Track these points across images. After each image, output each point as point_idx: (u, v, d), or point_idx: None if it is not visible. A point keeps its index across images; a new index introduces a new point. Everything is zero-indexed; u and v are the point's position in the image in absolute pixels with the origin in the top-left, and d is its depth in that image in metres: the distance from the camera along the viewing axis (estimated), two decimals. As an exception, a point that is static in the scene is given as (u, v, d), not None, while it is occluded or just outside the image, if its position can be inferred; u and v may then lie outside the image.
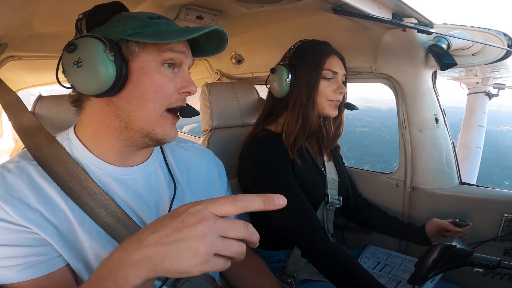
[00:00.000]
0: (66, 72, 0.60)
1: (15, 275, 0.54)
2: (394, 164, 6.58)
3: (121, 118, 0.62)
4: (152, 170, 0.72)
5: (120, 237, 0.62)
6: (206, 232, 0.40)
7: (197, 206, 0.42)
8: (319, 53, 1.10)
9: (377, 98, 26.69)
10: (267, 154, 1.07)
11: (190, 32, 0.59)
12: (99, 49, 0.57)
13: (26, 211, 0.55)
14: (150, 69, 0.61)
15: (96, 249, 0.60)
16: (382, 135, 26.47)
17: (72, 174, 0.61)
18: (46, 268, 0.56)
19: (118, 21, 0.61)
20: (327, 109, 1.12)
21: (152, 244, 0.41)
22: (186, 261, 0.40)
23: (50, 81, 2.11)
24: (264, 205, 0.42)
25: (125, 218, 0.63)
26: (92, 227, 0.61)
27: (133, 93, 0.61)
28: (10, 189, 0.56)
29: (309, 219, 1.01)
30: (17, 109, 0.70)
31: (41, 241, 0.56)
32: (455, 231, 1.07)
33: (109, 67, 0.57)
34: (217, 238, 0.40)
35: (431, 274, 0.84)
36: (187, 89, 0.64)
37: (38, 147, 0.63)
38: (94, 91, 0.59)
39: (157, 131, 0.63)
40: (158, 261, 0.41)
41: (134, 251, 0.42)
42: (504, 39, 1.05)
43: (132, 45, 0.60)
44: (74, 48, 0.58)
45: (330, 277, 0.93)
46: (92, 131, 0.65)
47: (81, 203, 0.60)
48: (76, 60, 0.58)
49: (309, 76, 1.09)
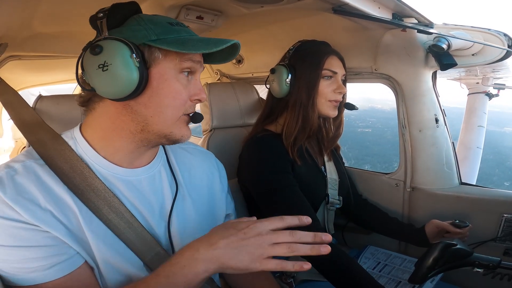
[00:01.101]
0: (88, 74, 0.59)
1: (39, 277, 0.54)
2: (394, 164, 6.59)
3: (138, 121, 0.62)
4: (156, 171, 0.72)
5: (123, 235, 0.62)
6: (261, 242, 0.54)
7: (256, 224, 0.56)
8: (319, 53, 1.10)
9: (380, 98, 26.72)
10: (267, 155, 1.07)
11: (214, 44, 0.59)
12: (126, 54, 0.57)
13: (37, 212, 0.55)
14: (170, 76, 0.61)
15: (102, 250, 0.60)
16: (384, 136, 26.41)
17: (76, 171, 0.61)
18: (69, 266, 0.57)
19: (138, 24, 0.61)
20: (327, 109, 1.12)
21: (222, 247, 0.54)
22: (245, 261, 0.54)
23: (50, 81, 2.12)
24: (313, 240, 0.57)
25: (129, 216, 0.63)
26: (100, 228, 0.61)
27: (151, 99, 0.61)
28: (20, 190, 0.55)
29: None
30: (18, 105, 0.69)
31: (57, 240, 0.56)
32: (455, 232, 1.07)
33: (134, 73, 0.57)
34: (269, 245, 0.54)
35: (432, 274, 0.84)
36: (198, 97, 0.66)
37: (42, 143, 0.63)
38: (114, 95, 0.59)
39: (174, 132, 0.65)
40: (226, 260, 0.54)
41: (206, 251, 0.54)
42: (504, 39, 1.05)
43: (156, 52, 0.60)
44: (99, 51, 0.57)
45: (330, 277, 0.93)
46: (102, 132, 0.64)
47: (85, 199, 0.60)
48: (101, 64, 0.57)
49: (308, 76, 1.09)
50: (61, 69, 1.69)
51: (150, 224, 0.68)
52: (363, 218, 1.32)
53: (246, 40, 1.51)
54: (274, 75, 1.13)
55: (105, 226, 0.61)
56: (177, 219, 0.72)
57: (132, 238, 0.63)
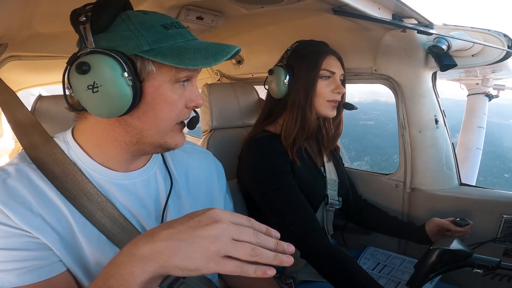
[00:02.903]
0: (77, 93, 0.56)
1: (14, 279, 0.53)
2: (394, 156, 6.60)
3: (132, 134, 0.61)
4: (152, 174, 0.71)
5: (117, 239, 0.61)
6: (219, 233, 0.42)
7: (215, 210, 0.44)
8: (316, 53, 1.10)
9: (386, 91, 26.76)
10: (266, 155, 1.07)
11: (214, 57, 0.55)
12: (117, 72, 0.52)
13: (28, 216, 0.54)
14: (166, 89, 0.58)
15: (96, 256, 0.60)
16: (386, 128, 26.12)
17: (69, 175, 0.59)
18: (47, 272, 0.55)
19: (128, 29, 0.55)
20: (325, 110, 1.12)
21: (164, 239, 0.42)
22: (196, 259, 0.41)
23: (50, 81, 2.11)
24: None
25: (122, 220, 0.62)
26: (93, 233, 0.60)
27: (146, 113, 0.58)
28: (11, 193, 0.54)
29: (308, 220, 1.01)
30: (14, 106, 0.68)
31: (41, 246, 0.55)
32: (456, 231, 1.07)
33: (127, 92, 0.54)
34: (228, 240, 0.42)
35: (429, 277, 0.84)
36: (195, 103, 0.63)
37: (34, 146, 0.61)
38: (109, 115, 0.56)
39: (168, 142, 0.63)
40: (168, 256, 0.42)
41: (145, 245, 0.43)
42: (504, 40, 1.05)
43: (149, 65, 0.56)
44: (87, 69, 0.52)
45: (329, 277, 0.94)
46: (96, 140, 0.63)
47: (78, 204, 0.59)
48: (90, 85, 0.53)
49: (306, 76, 1.09)
50: (61, 69, 1.66)
51: (145, 228, 0.67)
52: (363, 218, 1.32)
53: (246, 41, 1.51)
54: (272, 76, 1.13)
55: (98, 231, 0.60)
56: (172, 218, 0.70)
57: (126, 242, 0.63)
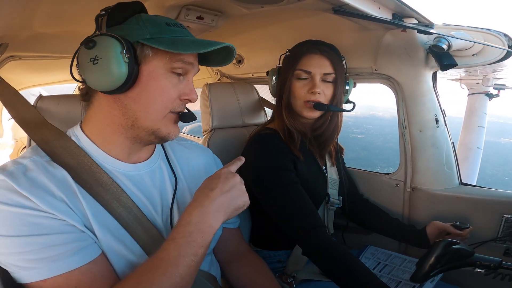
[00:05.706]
0: (81, 66, 0.63)
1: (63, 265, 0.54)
2: (377, 169, 6.78)
3: (128, 116, 0.64)
4: (157, 166, 0.74)
5: (131, 229, 0.63)
6: (239, 180, 0.67)
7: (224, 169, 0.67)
8: (296, 53, 1.13)
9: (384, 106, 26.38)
10: (269, 152, 1.07)
11: (204, 46, 0.62)
12: (116, 50, 0.59)
13: (52, 201, 0.56)
14: (159, 74, 0.64)
15: (109, 240, 0.61)
16: (374, 142, 26.34)
17: (84, 167, 0.62)
18: (91, 253, 0.58)
19: (137, 23, 0.64)
20: (302, 110, 1.11)
21: (219, 195, 0.62)
22: (241, 198, 0.66)
23: (51, 81, 2.11)
24: None
25: (136, 211, 0.65)
26: (107, 219, 0.62)
27: (140, 94, 0.64)
28: (33, 182, 0.56)
29: (310, 217, 1.01)
30: (19, 105, 0.71)
31: (74, 228, 0.57)
32: (456, 234, 1.07)
33: (123, 68, 0.60)
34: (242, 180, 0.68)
35: (433, 273, 0.84)
36: (188, 97, 0.68)
37: (46, 141, 0.64)
38: (103, 88, 0.62)
39: (161, 129, 0.67)
40: (228, 204, 0.63)
41: (211, 204, 0.61)
42: (505, 39, 1.05)
43: (147, 50, 0.63)
44: (93, 45, 0.60)
45: (331, 275, 0.93)
46: (99, 126, 0.67)
47: (94, 193, 0.61)
48: (93, 57, 0.60)
49: (284, 77, 1.13)
50: (61, 69, 1.69)
51: (154, 218, 0.69)
52: (364, 218, 1.32)
53: (246, 40, 1.51)
54: (268, 77, 1.22)
55: (112, 218, 0.62)
56: (179, 212, 0.73)
57: (140, 233, 0.65)
